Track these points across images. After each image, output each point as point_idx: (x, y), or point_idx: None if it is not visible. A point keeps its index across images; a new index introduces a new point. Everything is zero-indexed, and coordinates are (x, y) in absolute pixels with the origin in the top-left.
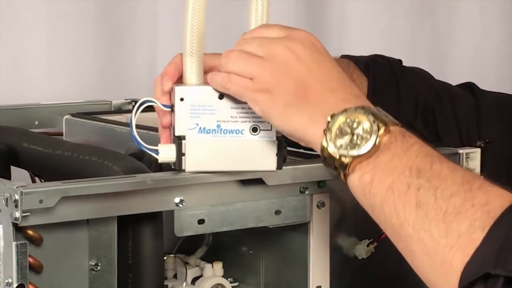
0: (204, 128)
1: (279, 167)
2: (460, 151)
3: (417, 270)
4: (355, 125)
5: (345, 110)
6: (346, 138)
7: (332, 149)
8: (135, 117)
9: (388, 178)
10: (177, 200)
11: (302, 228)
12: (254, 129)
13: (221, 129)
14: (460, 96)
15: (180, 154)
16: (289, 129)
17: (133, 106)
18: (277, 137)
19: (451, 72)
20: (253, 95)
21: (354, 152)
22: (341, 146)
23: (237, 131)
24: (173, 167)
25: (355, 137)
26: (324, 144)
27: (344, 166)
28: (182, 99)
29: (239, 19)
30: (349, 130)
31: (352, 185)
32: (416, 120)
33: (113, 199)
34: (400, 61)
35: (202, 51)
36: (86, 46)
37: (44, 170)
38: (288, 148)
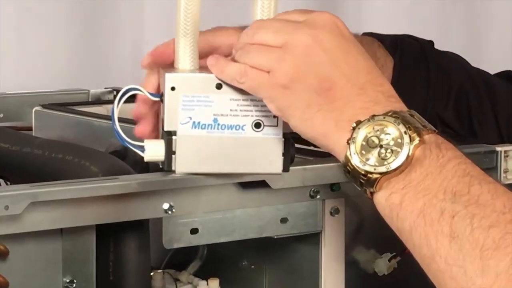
0: (199, 123)
1: (285, 169)
2: (498, 148)
3: None
4: (383, 135)
5: (373, 117)
6: (374, 151)
7: (357, 163)
8: (118, 108)
9: (420, 200)
10: (166, 206)
11: (312, 239)
12: (257, 125)
13: (218, 124)
14: (499, 85)
15: (170, 152)
16: (311, 134)
17: (114, 96)
18: (283, 134)
19: (488, 58)
20: (270, 92)
21: (383, 169)
22: (367, 160)
23: (237, 127)
24: (161, 166)
25: (383, 150)
26: (349, 156)
27: (371, 183)
28: (173, 88)
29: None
30: (377, 141)
31: (379, 204)
32: (447, 110)
33: (91, 205)
34: (431, 42)
35: (197, 31)
36: (59, 26)
37: (10, 171)
38: (296, 145)
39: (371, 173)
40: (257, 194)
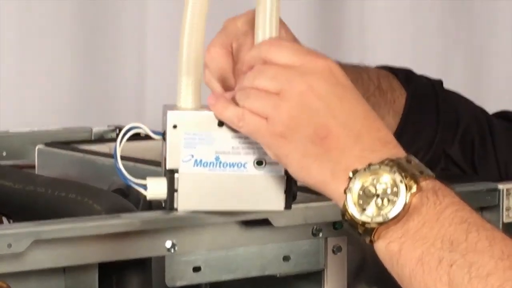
0: (201, 160)
1: (287, 206)
2: (500, 186)
3: None
4: (380, 184)
5: (369, 166)
6: (371, 201)
7: (354, 213)
8: (120, 147)
9: (418, 249)
10: (168, 244)
11: (314, 277)
12: (259, 163)
13: (220, 162)
14: (499, 125)
15: (172, 190)
16: (308, 182)
17: (117, 134)
18: (285, 171)
19: (488, 96)
20: (267, 140)
21: (380, 219)
22: (364, 210)
23: (239, 165)
24: (163, 205)
25: (380, 200)
26: (346, 206)
27: (369, 233)
28: (175, 126)
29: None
30: (373, 191)
31: (379, 252)
32: (453, 146)
33: (94, 243)
34: (441, 81)
35: (200, 68)
36: (63, 63)
37: (13, 209)
38: (299, 183)
39: (369, 223)
40: (259, 232)
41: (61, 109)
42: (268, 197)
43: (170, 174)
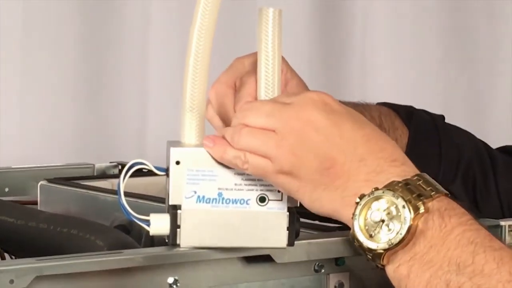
0: (203, 197)
1: (290, 243)
2: (502, 223)
3: None
4: (384, 211)
5: (373, 192)
6: (376, 227)
7: (361, 239)
8: (124, 183)
9: (426, 273)
10: (171, 280)
11: None
12: (262, 199)
13: (223, 198)
14: (501, 159)
15: (175, 226)
16: (323, 212)
17: (120, 170)
18: (288, 208)
19: (490, 133)
20: (276, 179)
21: (385, 245)
22: (371, 236)
23: (242, 201)
24: (166, 240)
25: (385, 226)
26: (354, 232)
27: (377, 257)
28: (178, 163)
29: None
30: (378, 217)
31: (389, 275)
32: (455, 182)
33: (96, 279)
34: (442, 117)
35: (204, 105)
36: (65, 99)
37: (15, 245)
38: (301, 220)
39: (375, 250)
40: (261, 268)
41: (63, 145)
42: (270, 234)
43: (173, 210)
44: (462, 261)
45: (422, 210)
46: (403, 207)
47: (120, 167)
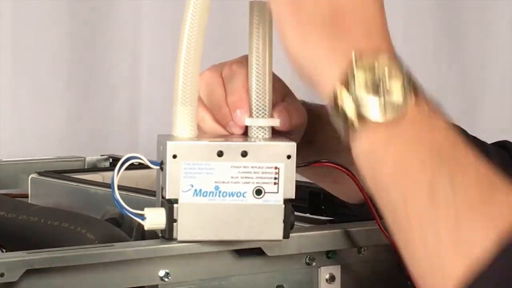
0: (200, 190)
1: (286, 236)
2: None
3: (410, 266)
4: (385, 80)
5: (378, 55)
6: (370, 94)
7: (347, 100)
8: (118, 177)
9: (403, 151)
10: (162, 273)
11: None
12: (258, 192)
13: (219, 192)
14: (499, 158)
15: (171, 220)
16: (300, 54)
17: (111, 163)
18: (284, 201)
19: (483, 128)
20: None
21: (375, 115)
22: (361, 100)
23: (239, 194)
24: (160, 234)
25: (380, 97)
26: (339, 91)
27: (356, 126)
28: (174, 156)
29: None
30: (375, 88)
31: (359, 151)
32: None
33: (87, 273)
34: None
35: (196, 98)
36: (55, 92)
37: (5, 238)
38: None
39: (361, 116)
40: (253, 261)
41: (54, 138)
42: (267, 227)
43: (169, 204)
44: (444, 149)
45: (414, 96)
46: (407, 86)
47: (111, 160)
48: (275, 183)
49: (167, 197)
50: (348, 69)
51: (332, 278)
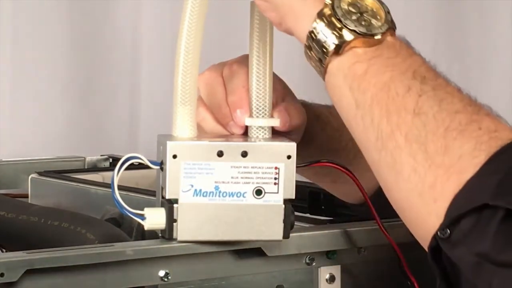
0: (200, 190)
1: (286, 235)
2: None
3: (397, 191)
4: (366, 7)
5: None
6: (352, 14)
7: (326, 30)
8: (118, 177)
9: (386, 74)
10: (162, 273)
11: None
12: (258, 192)
13: (219, 192)
14: None
15: (171, 220)
16: (275, 2)
17: (111, 163)
18: (284, 201)
19: None
20: None
21: (359, 28)
22: (343, 16)
23: (239, 194)
24: (160, 234)
25: (363, 18)
26: (318, 22)
27: (338, 44)
28: (174, 156)
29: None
30: (358, 10)
31: (337, 72)
32: None
33: (87, 273)
34: None
35: (195, 98)
36: (55, 92)
37: (5, 238)
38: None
39: (349, 28)
40: (252, 261)
41: (54, 138)
42: (267, 226)
43: (169, 204)
44: (427, 76)
45: (391, 25)
46: (388, 12)
47: (111, 160)
48: (275, 183)
49: (167, 197)
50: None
51: (332, 278)
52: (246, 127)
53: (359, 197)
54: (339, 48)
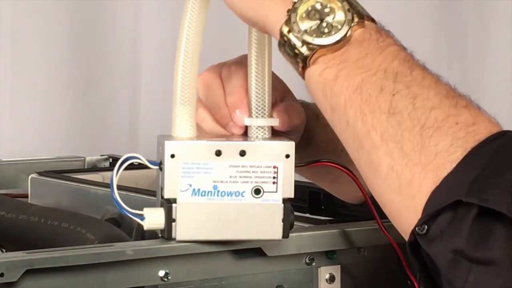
0: (199, 190)
1: (285, 235)
2: None
3: (376, 190)
4: (326, 10)
5: None
6: (313, 24)
7: (294, 33)
8: (117, 177)
9: (357, 77)
10: (161, 273)
11: None
12: (257, 191)
13: (218, 191)
14: None
15: (170, 220)
16: (246, 5)
17: (110, 163)
18: (283, 200)
19: None
20: None
21: (320, 41)
22: (305, 31)
23: (237, 193)
24: (160, 234)
25: (324, 24)
26: (285, 27)
27: (305, 57)
28: (173, 156)
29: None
30: (318, 16)
31: (311, 80)
32: None
33: (87, 272)
34: None
35: (195, 98)
36: (55, 92)
37: (5, 238)
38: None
39: (307, 43)
40: (252, 261)
41: (54, 138)
42: (266, 226)
43: (168, 204)
44: (399, 72)
45: (357, 22)
46: (348, 10)
47: (111, 160)
48: (274, 183)
49: (165, 197)
50: (291, 7)
51: (332, 278)
52: (246, 127)
53: (359, 197)
54: (306, 62)
